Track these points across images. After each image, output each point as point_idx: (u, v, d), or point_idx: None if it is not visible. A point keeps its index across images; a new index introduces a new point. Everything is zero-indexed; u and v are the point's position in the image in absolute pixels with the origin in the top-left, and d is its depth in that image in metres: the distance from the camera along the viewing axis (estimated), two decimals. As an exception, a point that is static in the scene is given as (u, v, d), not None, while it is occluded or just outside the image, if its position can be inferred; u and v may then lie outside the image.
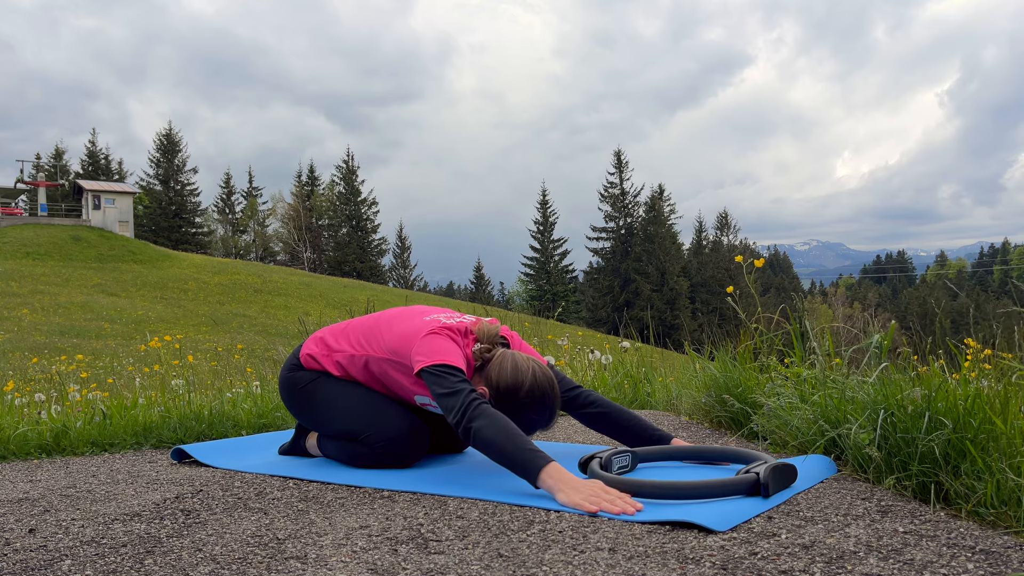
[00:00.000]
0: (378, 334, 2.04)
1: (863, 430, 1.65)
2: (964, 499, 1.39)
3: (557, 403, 1.90)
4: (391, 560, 1.26)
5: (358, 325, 2.12)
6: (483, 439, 1.68)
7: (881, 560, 1.15)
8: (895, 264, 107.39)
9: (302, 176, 62.66)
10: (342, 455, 2.10)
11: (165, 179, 57.47)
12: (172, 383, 3.59)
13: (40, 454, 2.57)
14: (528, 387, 1.86)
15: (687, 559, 1.20)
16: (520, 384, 1.86)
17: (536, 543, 1.32)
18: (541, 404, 1.87)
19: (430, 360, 1.82)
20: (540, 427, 1.91)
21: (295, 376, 2.16)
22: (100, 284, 33.23)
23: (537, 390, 1.86)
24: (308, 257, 58.82)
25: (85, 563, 1.30)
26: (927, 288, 72.35)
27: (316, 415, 2.11)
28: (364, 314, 2.42)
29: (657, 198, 58.25)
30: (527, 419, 1.87)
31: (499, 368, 1.89)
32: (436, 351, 1.85)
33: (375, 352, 2.02)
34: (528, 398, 1.85)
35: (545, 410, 1.88)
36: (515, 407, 1.85)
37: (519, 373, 1.87)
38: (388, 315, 2.10)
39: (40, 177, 52.69)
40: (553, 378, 1.91)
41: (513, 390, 1.85)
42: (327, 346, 2.13)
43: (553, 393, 1.89)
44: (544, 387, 1.88)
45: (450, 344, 1.89)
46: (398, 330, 1.99)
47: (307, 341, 2.20)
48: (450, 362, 1.82)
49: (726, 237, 64.90)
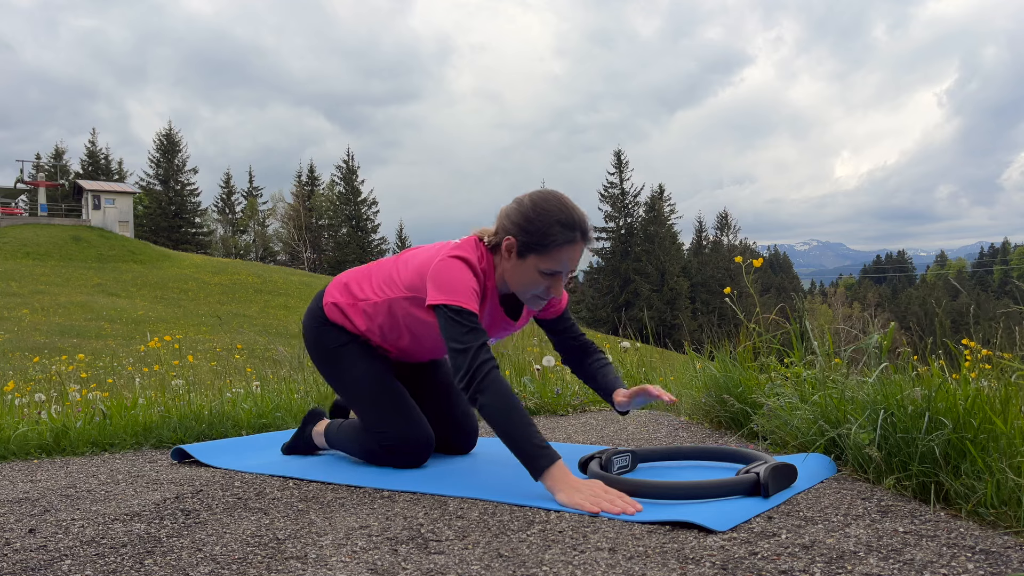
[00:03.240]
0: (396, 275, 1.98)
1: (863, 430, 1.65)
2: (964, 499, 1.39)
3: (573, 205, 1.82)
4: (391, 560, 1.26)
5: (379, 269, 2.06)
6: (489, 417, 1.66)
7: (881, 560, 1.15)
8: (895, 264, 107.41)
9: (302, 176, 62.72)
10: (353, 447, 2.11)
11: (165, 179, 57.48)
12: (172, 383, 3.59)
13: (40, 454, 2.57)
14: (531, 201, 1.81)
15: (687, 559, 1.20)
16: (522, 204, 1.81)
17: (536, 543, 1.32)
18: (559, 206, 1.80)
19: (442, 297, 1.76)
20: (580, 232, 1.80)
21: (322, 334, 2.09)
22: (100, 284, 33.23)
23: (541, 197, 1.81)
24: (308, 257, 58.81)
25: (85, 563, 1.30)
26: (927, 288, 72.37)
27: (339, 384, 2.08)
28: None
29: (657, 198, 58.26)
30: (559, 232, 1.78)
31: (504, 217, 1.84)
32: (449, 283, 1.77)
33: (396, 293, 1.96)
34: (541, 210, 1.79)
35: (565, 209, 1.80)
36: (539, 228, 1.78)
37: (518, 201, 1.84)
38: (406, 254, 2.05)
39: (40, 177, 52.71)
40: (554, 190, 1.88)
41: (523, 213, 1.80)
42: (351, 295, 2.05)
43: (563, 196, 1.83)
44: (549, 193, 1.83)
45: (462, 271, 1.80)
46: (413, 265, 1.94)
47: (330, 286, 2.12)
48: (462, 303, 1.75)
49: (726, 237, 64.94)
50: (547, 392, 3.22)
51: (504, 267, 1.86)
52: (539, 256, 1.79)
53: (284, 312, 30.26)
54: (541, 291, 1.85)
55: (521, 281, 1.84)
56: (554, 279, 1.83)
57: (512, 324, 2.01)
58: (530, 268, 1.81)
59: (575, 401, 3.22)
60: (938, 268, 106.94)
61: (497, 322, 1.98)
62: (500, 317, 1.97)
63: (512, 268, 1.84)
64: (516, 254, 1.82)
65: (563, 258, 1.80)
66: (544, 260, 1.80)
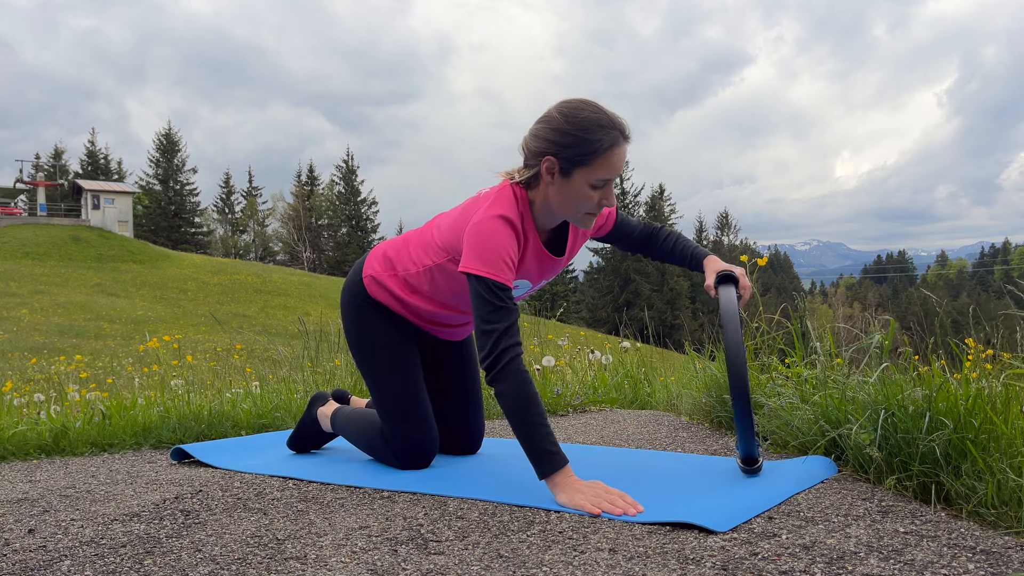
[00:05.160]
0: (432, 238, 1.90)
1: (864, 430, 1.64)
2: (965, 499, 1.38)
3: (602, 105, 1.72)
4: (391, 560, 1.25)
5: (416, 237, 1.98)
6: (504, 407, 1.63)
7: (882, 560, 1.15)
8: (896, 264, 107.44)
9: (302, 176, 62.74)
10: (359, 439, 2.11)
11: (164, 179, 57.49)
12: (171, 383, 3.59)
13: (39, 454, 2.56)
14: (560, 113, 1.70)
15: (687, 559, 1.20)
16: (552, 119, 1.70)
17: (536, 543, 1.32)
18: (592, 108, 1.69)
19: (476, 265, 1.67)
20: (620, 130, 1.69)
21: (362, 315, 2.03)
22: (99, 284, 33.23)
23: (570, 106, 1.70)
24: (308, 257, 58.81)
25: (84, 563, 1.30)
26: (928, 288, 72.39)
27: (367, 374, 2.05)
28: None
29: (657, 198, 58.29)
30: (602, 135, 1.67)
31: (533, 140, 1.73)
32: (484, 249, 1.67)
33: (434, 259, 1.89)
34: (576, 118, 1.68)
35: (599, 110, 1.69)
36: (580, 138, 1.67)
37: (545, 118, 1.72)
38: (440, 216, 1.95)
39: (39, 177, 52.71)
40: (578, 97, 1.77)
41: (556, 128, 1.69)
42: (391, 265, 1.98)
43: (588, 99, 1.73)
44: (575, 99, 1.72)
45: (501, 234, 1.69)
46: (448, 223, 1.85)
47: (369, 258, 2.05)
48: (495, 275, 1.66)
49: (727, 237, 64.98)
50: (547, 392, 3.22)
51: (547, 194, 1.74)
52: (586, 167, 1.68)
53: (284, 312, 30.25)
54: (592, 206, 1.74)
55: (571, 201, 1.72)
56: (605, 189, 1.72)
57: (559, 261, 1.89)
58: (579, 184, 1.70)
59: (575, 401, 3.22)
60: (939, 268, 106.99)
61: (543, 264, 1.86)
62: (545, 258, 1.85)
63: (557, 191, 1.72)
64: (560, 173, 1.70)
65: (612, 163, 1.68)
66: (593, 170, 1.68)
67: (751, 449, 1.67)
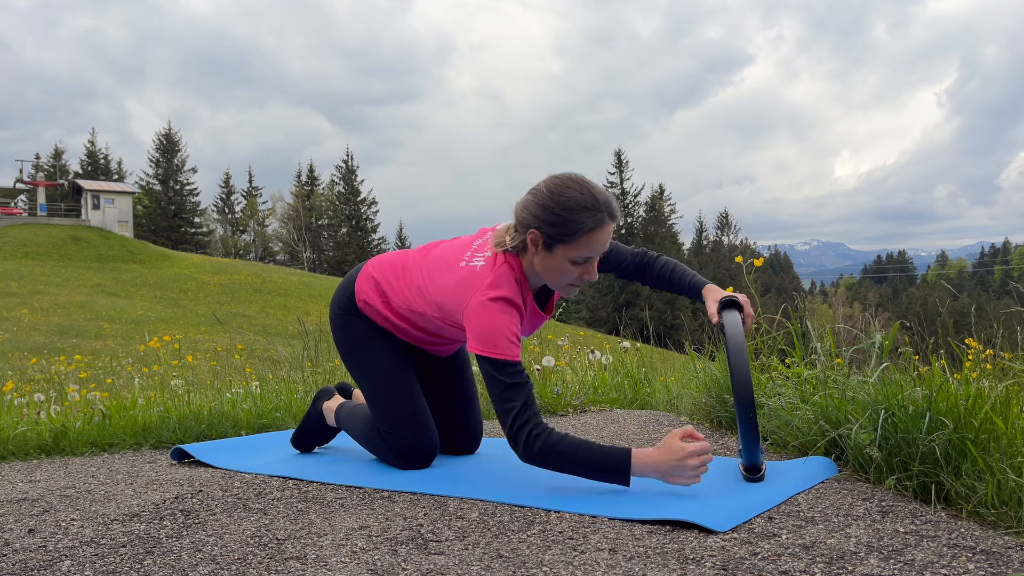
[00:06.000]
0: (425, 287, 1.91)
1: (864, 430, 1.64)
2: (965, 499, 1.38)
3: (592, 184, 1.73)
4: (391, 560, 1.25)
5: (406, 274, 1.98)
6: (549, 469, 1.67)
7: (882, 560, 1.15)
8: (896, 264, 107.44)
9: (302, 176, 62.76)
10: (360, 437, 2.12)
11: (164, 179, 57.51)
12: (171, 383, 3.59)
13: (39, 454, 2.56)
14: (548, 189, 1.72)
15: (687, 559, 1.20)
16: (539, 194, 1.73)
17: (536, 543, 1.32)
18: (579, 189, 1.71)
19: (484, 349, 1.70)
20: (607, 212, 1.71)
21: (349, 324, 2.06)
22: (99, 284, 33.23)
23: (558, 183, 1.72)
24: (308, 257, 58.82)
25: (84, 563, 1.30)
26: (928, 288, 72.35)
27: (361, 377, 2.06)
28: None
29: (657, 198, 58.29)
30: (584, 217, 1.69)
31: (522, 210, 1.76)
32: (490, 333, 1.70)
33: (425, 309, 1.92)
34: (561, 196, 1.70)
35: (586, 190, 1.70)
36: (562, 217, 1.69)
37: (534, 191, 1.75)
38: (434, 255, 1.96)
39: (39, 177, 52.71)
40: (571, 172, 1.78)
41: (542, 204, 1.72)
42: (383, 295, 2.00)
43: (580, 177, 1.74)
44: (565, 176, 1.74)
45: (504, 317, 1.72)
46: (441, 284, 1.86)
47: (361, 280, 2.04)
48: (505, 355, 1.69)
49: (726, 237, 65.00)
50: (547, 392, 3.22)
51: (532, 261, 1.79)
52: (567, 246, 1.72)
53: (284, 312, 30.25)
54: (574, 279, 1.79)
55: (553, 273, 1.78)
56: (587, 265, 1.77)
57: (545, 316, 1.95)
58: (560, 259, 1.75)
59: (575, 401, 3.21)
60: (939, 268, 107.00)
61: (535, 320, 1.92)
62: (535, 315, 1.91)
63: (541, 261, 1.77)
64: (543, 247, 1.75)
65: (593, 244, 1.73)
66: (573, 249, 1.73)
67: (755, 459, 1.67)
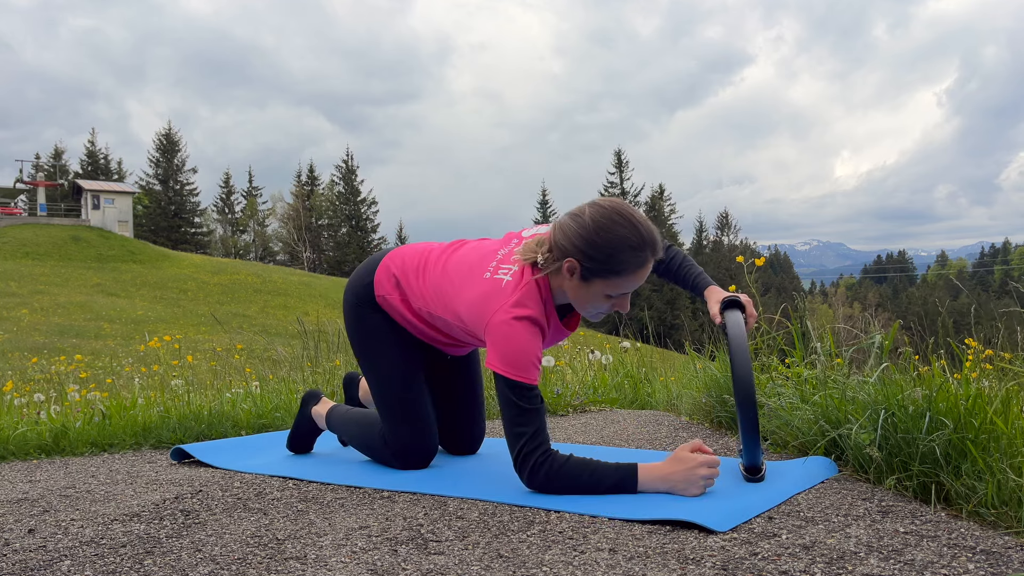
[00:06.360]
0: (447, 292, 1.86)
1: (864, 430, 1.64)
2: (965, 499, 1.38)
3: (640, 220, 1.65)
4: (391, 560, 1.25)
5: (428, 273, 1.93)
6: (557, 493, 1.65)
7: (882, 560, 1.15)
8: (896, 264, 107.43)
9: (302, 176, 62.80)
10: (355, 437, 2.11)
11: (164, 179, 57.53)
12: (171, 383, 3.59)
13: (39, 454, 2.56)
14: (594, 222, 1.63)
15: (687, 559, 1.20)
16: (583, 225, 1.64)
17: (536, 543, 1.32)
18: (627, 225, 1.63)
19: (503, 368, 1.66)
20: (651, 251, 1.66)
21: (365, 317, 2.02)
22: (99, 284, 33.23)
23: (605, 216, 1.63)
24: (308, 257, 58.82)
25: (84, 563, 1.30)
26: (928, 288, 72.36)
27: (370, 372, 2.04)
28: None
29: (657, 198, 58.34)
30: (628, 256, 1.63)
31: (562, 236, 1.67)
32: (511, 354, 1.66)
33: (445, 315, 1.88)
34: (607, 232, 1.62)
35: (633, 228, 1.63)
36: (606, 254, 1.63)
37: (578, 219, 1.66)
38: (456, 258, 1.90)
39: (39, 177, 52.73)
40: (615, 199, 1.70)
41: (585, 237, 1.64)
42: (402, 292, 1.96)
43: (627, 211, 1.65)
44: (612, 209, 1.65)
45: (527, 338, 1.67)
46: (466, 297, 1.80)
47: (382, 272, 2.00)
48: (523, 378, 1.65)
49: (726, 237, 65.02)
50: (547, 392, 3.22)
51: (564, 284, 1.73)
52: (606, 282, 1.67)
53: (284, 312, 30.26)
54: (605, 309, 1.76)
55: (584, 302, 1.74)
56: (621, 298, 1.73)
57: (567, 332, 1.91)
58: (595, 291, 1.70)
59: (575, 401, 3.21)
60: (939, 268, 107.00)
61: (555, 335, 1.87)
62: (557, 330, 1.85)
63: (575, 289, 1.72)
64: (579, 277, 1.68)
65: (634, 282, 1.69)
66: (612, 286, 1.68)
67: (756, 459, 1.67)
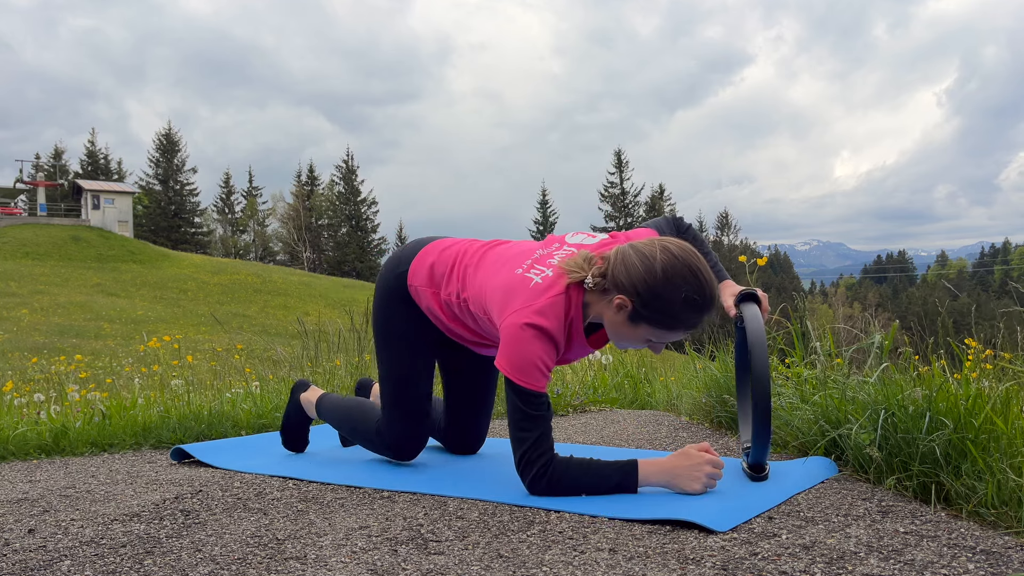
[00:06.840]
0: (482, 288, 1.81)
1: (864, 430, 1.64)
2: (965, 499, 1.38)
3: (706, 277, 1.59)
4: (391, 560, 1.25)
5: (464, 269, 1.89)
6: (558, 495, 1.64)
7: (882, 560, 1.15)
8: (896, 264, 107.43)
9: (302, 176, 62.83)
10: (345, 426, 2.14)
11: (164, 179, 57.56)
12: (171, 383, 3.59)
13: (39, 454, 2.56)
14: (663, 270, 1.56)
15: (687, 559, 1.20)
16: (651, 270, 1.57)
17: (536, 543, 1.32)
18: (693, 282, 1.56)
19: (511, 371, 1.63)
20: (708, 311, 1.60)
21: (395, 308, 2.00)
22: (99, 284, 33.23)
23: (674, 269, 1.56)
24: (308, 257, 58.83)
25: (84, 563, 1.30)
26: (928, 288, 72.36)
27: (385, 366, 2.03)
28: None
29: (657, 198, 58.33)
30: (686, 314, 1.58)
31: (623, 271, 1.60)
32: (520, 359, 1.62)
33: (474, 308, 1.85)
34: (672, 285, 1.56)
35: (698, 285, 1.57)
36: (665, 305, 1.57)
37: (646, 262, 1.58)
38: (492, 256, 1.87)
39: (39, 177, 52.75)
40: (687, 246, 1.62)
41: (648, 282, 1.57)
42: (435, 284, 1.92)
43: (696, 264, 1.58)
44: (681, 261, 1.57)
45: (538, 347, 1.63)
46: (489, 280, 1.78)
47: (417, 263, 1.96)
48: (530, 384, 1.62)
49: (727, 237, 65.00)
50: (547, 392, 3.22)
51: (605, 312, 1.67)
52: (654, 329, 1.62)
53: (283, 312, 30.26)
54: (639, 346, 1.71)
55: (623, 337, 1.68)
56: (659, 343, 1.68)
57: (591, 349, 1.84)
58: (640, 333, 1.64)
59: (575, 401, 3.21)
60: (939, 268, 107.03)
61: (579, 351, 1.82)
62: (582, 346, 1.79)
63: (617, 324, 1.65)
64: (627, 316, 1.62)
65: (680, 334, 1.63)
66: (658, 333, 1.63)
67: (763, 458, 1.67)
